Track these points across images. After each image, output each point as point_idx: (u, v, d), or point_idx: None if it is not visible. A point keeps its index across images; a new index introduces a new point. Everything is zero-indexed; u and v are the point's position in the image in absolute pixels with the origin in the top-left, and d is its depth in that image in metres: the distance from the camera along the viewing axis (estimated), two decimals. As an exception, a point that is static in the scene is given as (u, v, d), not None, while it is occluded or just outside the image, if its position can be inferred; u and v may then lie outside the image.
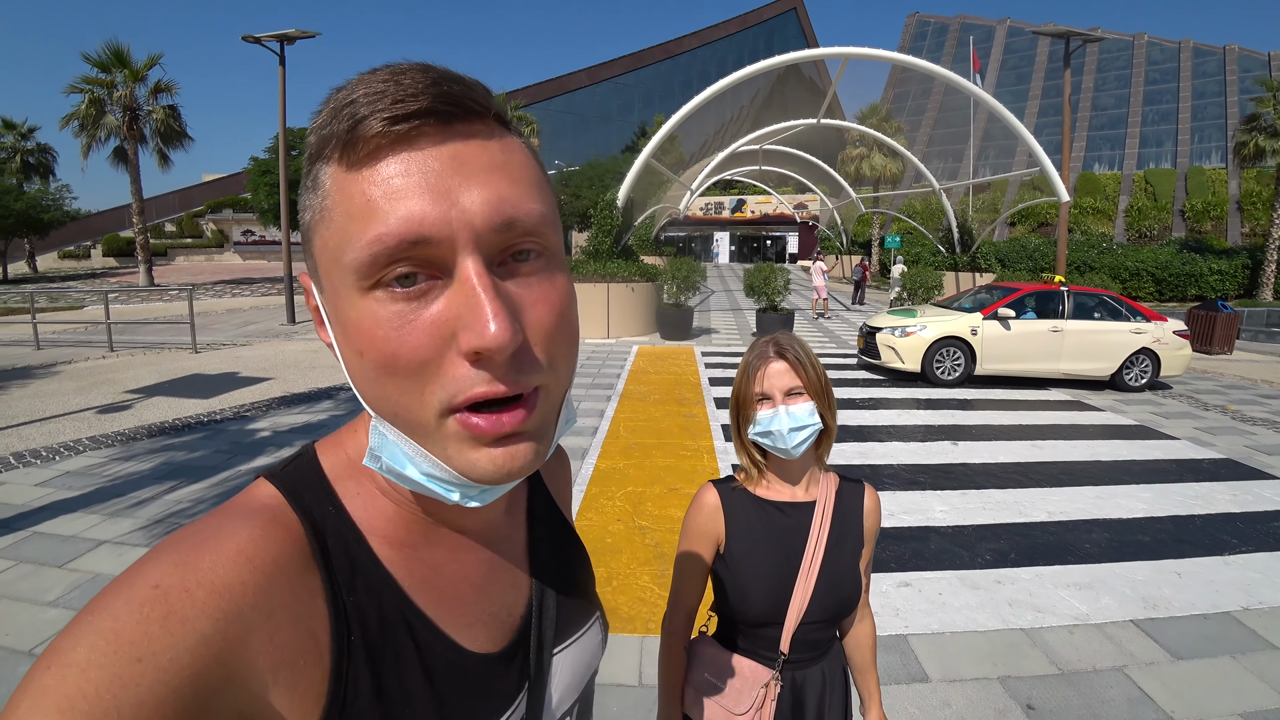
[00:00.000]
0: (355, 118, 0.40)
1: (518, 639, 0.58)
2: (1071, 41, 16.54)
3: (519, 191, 0.43)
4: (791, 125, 22.11)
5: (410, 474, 0.45)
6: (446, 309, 0.41)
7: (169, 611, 0.37)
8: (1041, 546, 4.17)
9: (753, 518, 1.31)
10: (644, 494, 4.81)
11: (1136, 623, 3.30)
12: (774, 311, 13.21)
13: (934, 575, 3.73)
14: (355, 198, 0.41)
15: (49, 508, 4.47)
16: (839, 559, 1.28)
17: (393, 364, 0.41)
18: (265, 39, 13.60)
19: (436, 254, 0.41)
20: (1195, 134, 43.53)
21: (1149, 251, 27.86)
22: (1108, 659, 2.99)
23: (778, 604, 1.25)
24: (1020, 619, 3.30)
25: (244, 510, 0.46)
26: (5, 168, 31.92)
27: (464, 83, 0.43)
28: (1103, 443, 6.67)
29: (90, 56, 22.83)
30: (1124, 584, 3.70)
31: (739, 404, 1.30)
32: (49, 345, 11.82)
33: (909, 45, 60.23)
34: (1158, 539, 4.34)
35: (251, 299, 22.40)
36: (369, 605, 0.48)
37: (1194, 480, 5.56)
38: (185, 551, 0.41)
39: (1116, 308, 9.57)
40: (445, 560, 0.54)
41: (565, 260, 0.50)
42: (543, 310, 0.45)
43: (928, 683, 2.78)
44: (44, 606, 3.25)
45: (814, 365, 1.26)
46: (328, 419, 6.83)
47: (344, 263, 0.41)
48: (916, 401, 8.29)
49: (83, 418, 6.76)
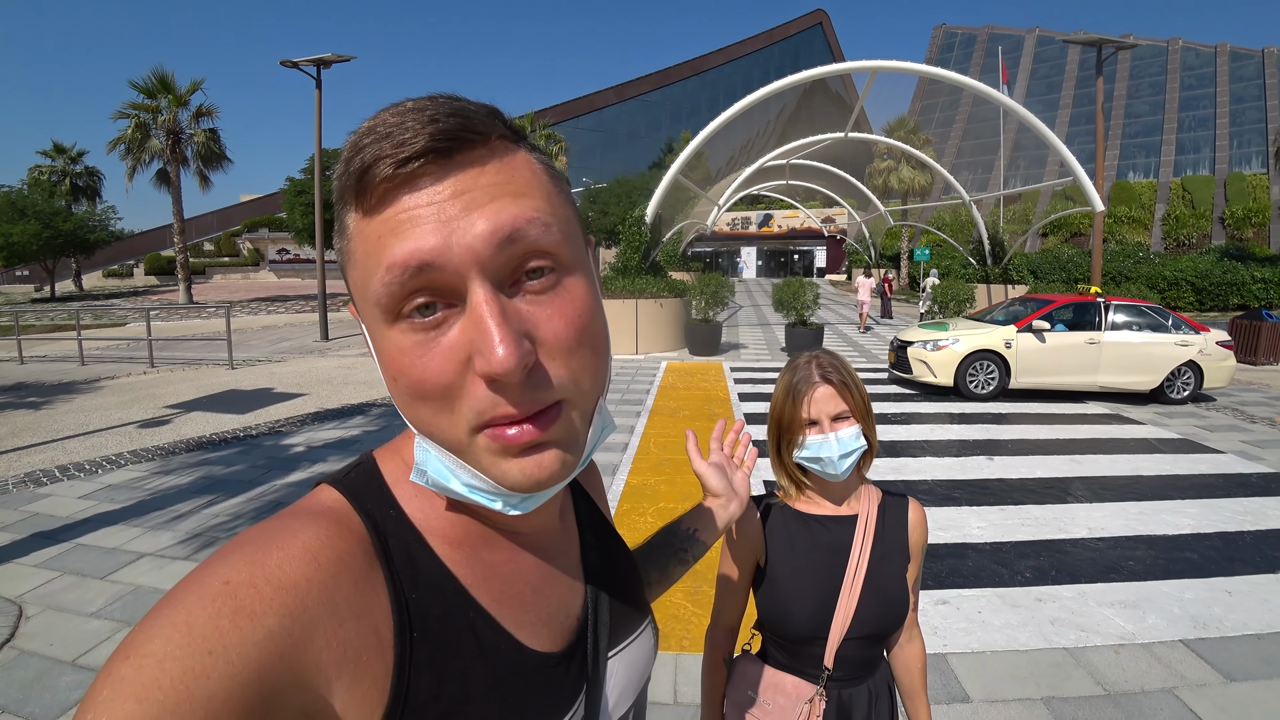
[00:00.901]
0: (363, 167, 0.42)
1: (576, 640, 0.59)
2: (1104, 49, 16.29)
3: (522, 206, 0.44)
4: (819, 139, 22.06)
5: (454, 486, 0.48)
6: (461, 335, 0.43)
7: (238, 606, 0.39)
8: (1083, 564, 4.05)
9: (794, 533, 1.29)
10: (675, 510, 4.78)
11: (1186, 643, 3.18)
12: (803, 326, 13.11)
13: (972, 593, 3.64)
14: (370, 239, 0.43)
15: (92, 520, 4.60)
16: (884, 574, 1.26)
17: (420, 389, 0.44)
18: (303, 63, 14.00)
19: (445, 281, 0.43)
20: (1234, 139, 42.48)
21: (1188, 260, 27.18)
22: (1156, 680, 2.88)
23: (821, 619, 1.23)
24: (1063, 638, 3.20)
25: (308, 512, 0.48)
26: (55, 190, 33.23)
27: (463, 114, 0.44)
28: (1145, 457, 6.48)
29: (137, 83, 23.82)
30: (1172, 603, 3.57)
31: (781, 427, 1.28)
32: (93, 361, 12.22)
33: (936, 57, 59.85)
34: (1206, 556, 4.19)
35: (286, 316, 22.91)
36: (431, 602, 0.49)
37: (1243, 495, 5.36)
38: (254, 549, 0.42)
39: (1158, 319, 9.32)
40: (503, 560, 0.55)
41: (589, 267, 0.51)
42: (558, 325, 0.46)
43: (969, 703, 2.70)
44: (87, 618, 3.32)
45: (858, 387, 1.26)
46: (360, 434, 6.93)
47: (369, 298, 0.44)
48: (950, 416, 8.15)
49: (124, 432, 6.96)
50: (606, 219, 35.81)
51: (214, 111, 25.14)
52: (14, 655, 3.02)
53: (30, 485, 5.28)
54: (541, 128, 31.67)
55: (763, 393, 9.32)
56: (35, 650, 3.05)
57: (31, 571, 3.81)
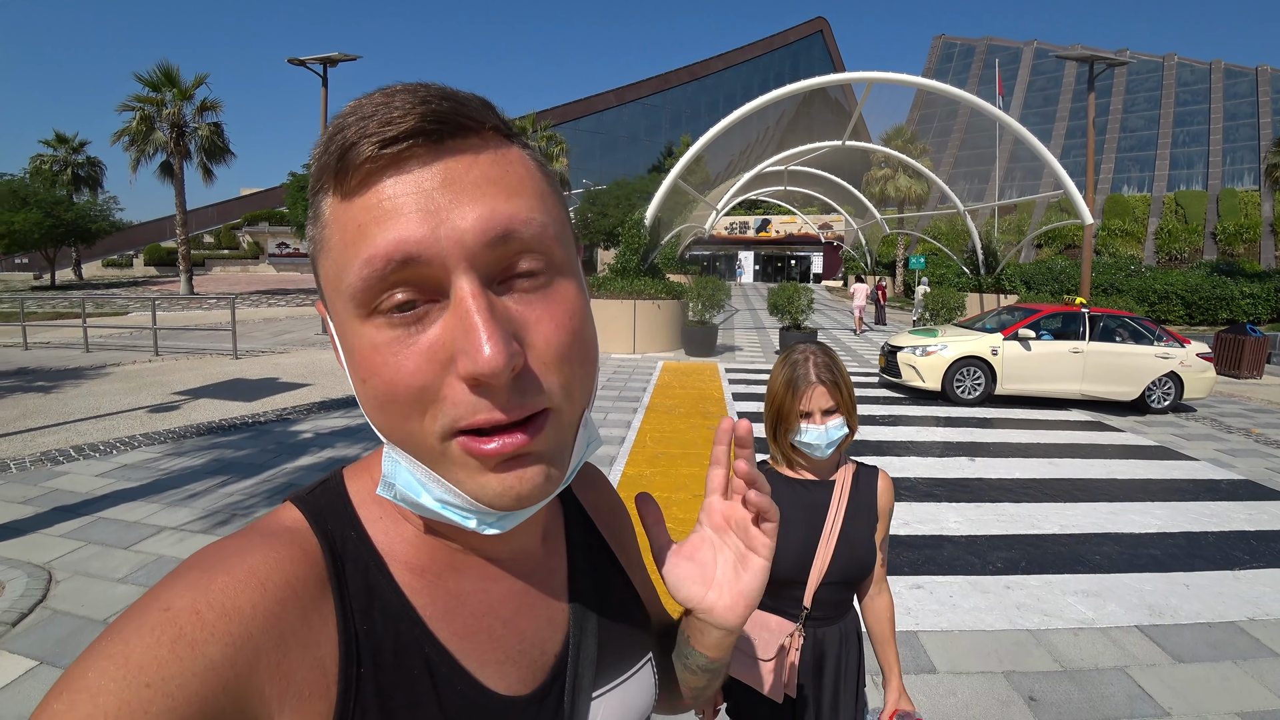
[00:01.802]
0: (344, 145, 0.39)
1: (550, 680, 0.54)
2: (1096, 65, 16.61)
3: (515, 204, 0.42)
4: (817, 146, 22.35)
5: (425, 501, 0.44)
6: (443, 333, 0.40)
7: (178, 635, 0.37)
8: (1052, 557, 4.30)
9: (781, 493, 1.55)
10: (670, 499, 5.02)
11: (1141, 628, 3.43)
12: (797, 330, 13.38)
13: (945, 580, 3.89)
14: (349, 226, 0.40)
15: (110, 496, 4.80)
16: (855, 529, 1.51)
17: (392, 390, 0.41)
18: (310, 61, 14.20)
19: (429, 275, 0.40)
20: (1227, 155, 43.00)
21: (1178, 274, 27.55)
22: (1110, 659, 3.13)
23: (801, 565, 1.48)
24: (1027, 621, 3.45)
25: (264, 532, 0.46)
26: (57, 179, 33.29)
27: (456, 99, 0.42)
28: (1121, 462, 6.74)
29: (142, 76, 23.94)
30: (1132, 593, 3.82)
31: (780, 415, 1.51)
32: (97, 348, 12.36)
33: (935, 67, 60.33)
34: (1169, 553, 4.44)
35: (287, 309, 23.08)
36: (384, 634, 0.46)
37: (1211, 499, 5.62)
38: (199, 574, 0.41)
39: (1140, 330, 9.61)
40: (472, 590, 0.51)
41: (579, 272, 0.49)
42: (549, 328, 0.43)
43: (935, 674, 2.94)
44: (115, 583, 3.52)
45: (847, 384, 1.50)
46: (365, 423, 7.11)
47: (343, 290, 0.41)
48: (936, 419, 8.41)
49: (135, 416, 7.15)
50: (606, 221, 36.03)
51: (218, 106, 25.29)
52: (48, 614, 3.22)
53: (47, 463, 5.47)
54: (542, 129, 31.88)
55: (756, 393, 9.55)
56: (67, 610, 3.25)
57: (57, 541, 4.01)
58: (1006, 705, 2.75)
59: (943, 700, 2.76)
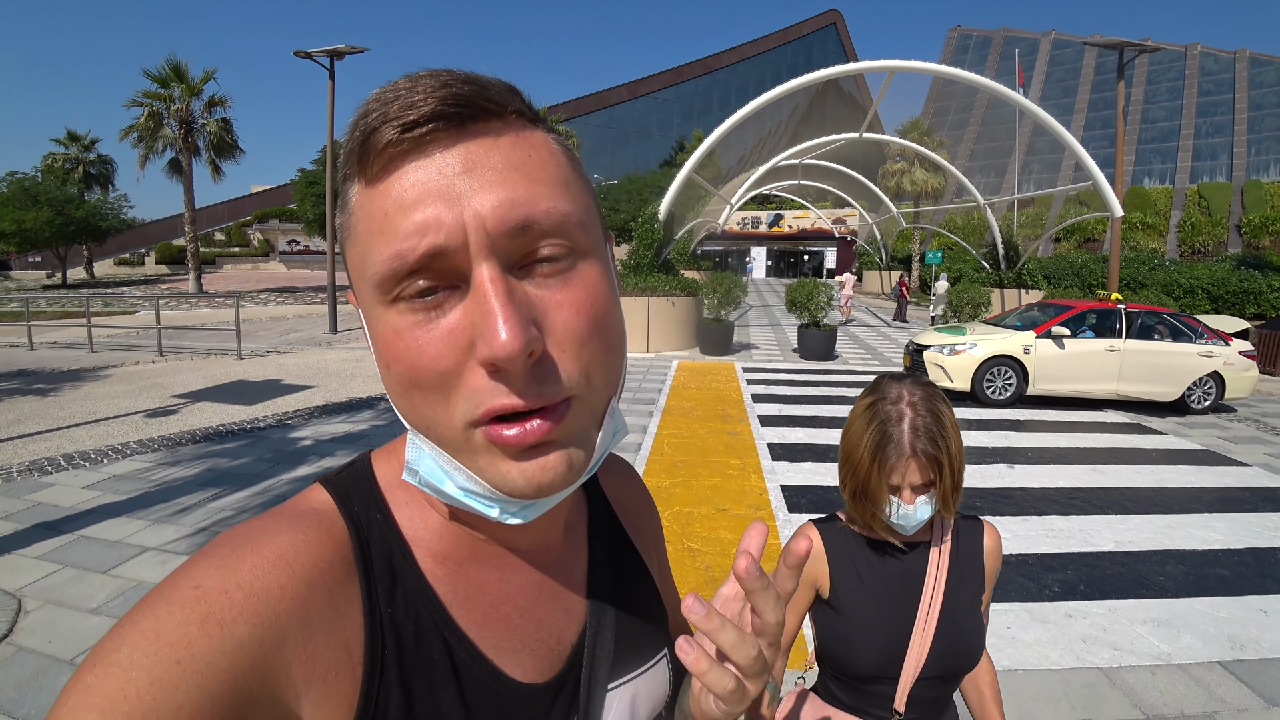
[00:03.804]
0: (367, 131, 0.39)
1: (567, 669, 0.54)
2: (1125, 52, 16.06)
3: (538, 191, 0.41)
4: (833, 139, 21.88)
5: (448, 489, 0.43)
6: (463, 318, 0.40)
7: (207, 614, 0.37)
8: (1112, 578, 3.92)
9: (860, 560, 1.19)
10: (691, 514, 4.67)
11: (1224, 664, 3.06)
12: (816, 328, 12.94)
13: (1000, 607, 3.51)
14: (374, 213, 0.40)
15: (96, 511, 4.53)
16: (959, 605, 1.15)
17: (415, 376, 0.41)
18: (316, 54, 13.94)
19: (451, 262, 0.39)
20: (1252, 146, 41.95)
21: (1204, 268, 26.85)
22: (1196, 704, 2.76)
23: (892, 658, 1.12)
24: (1096, 657, 3.08)
25: (292, 514, 0.46)
26: (68, 177, 33.36)
27: (479, 82, 0.41)
28: (1167, 468, 6.33)
29: (150, 72, 23.86)
30: (1206, 621, 3.45)
31: (859, 483, 1.14)
32: (102, 348, 12.20)
33: (950, 59, 59.42)
34: (1238, 573, 4.06)
35: (295, 307, 22.91)
36: (406, 618, 0.46)
37: (1271, 510, 5.22)
38: (228, 553, 0.41)
39: (1179, 327, 9.15)
40: (492, 579, 0.51)
41: (606, 258, 0.47)
42: (569, 314, 0.42)
43: (1001, 726, 2.58)
44: (87, 614, 3.25)
45: (949, 453, 1.10)
46: (369, 428, 6.85)
47: (368, 277, 0.41)
48: (967, 422, 8.00)
49: (131, 421, 6.91)
50: (617, 216, 35.71)
51: (226, 101, 25.13)
52: (11, 652, 2.94)
53: (34, 474, 5.23)
54: (554, 123, 31.57)
55: (776, 394, 9.19)
56: (33, 647, 2.97)
57: (32, 563, 3.74)
58: (1088, 766, 2.39)
59: (1014, 760, 2.40)
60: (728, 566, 3.87)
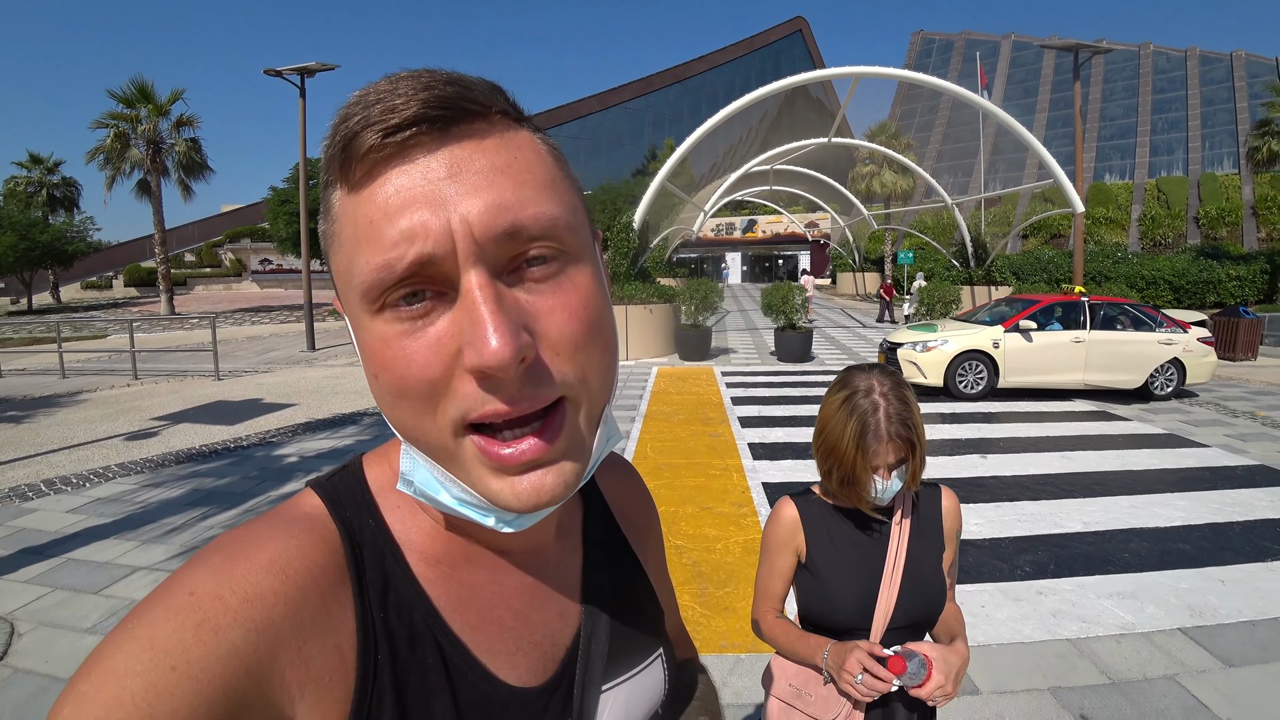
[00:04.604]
0: (348, 136, 0.38)
1: (561, 672, 0.54)
2: (1080, 53, 16.59)
3: (525, 194, 0.40)
4: (802, 145, 22.27)
5: (443, 499, 0.44)
6: (451, 325, 0.39)
7: (202, 619, 0.37)
8: (1080, 557, 4.10)
9: (833, 527, 1.32)
10: (677, 514, 4.78)
11: (1184, 631, 3.24)
12: (793, 330, 13.16)
13: (974, 588, 3.67)
14: (358, 220, 0.39)
15: (81, 534, 4.50)
16: (922, 562, 1.28)
17: (403, 385, 0.40)
18: (286, 72, 13.91)
19: (438, 269, 0.38)
20: (1206, 141, 43.31)
21: (1165, 260, 27.64)
22: (1159, 668, 2.93)
23: (863, 611, 1.25)
24: (1065, 630, 3.24)
25: (285, 519, 0.46)
26: (32, 201, 32.68)
27: (461, 83, 0.40)
28: (1133, 452, 6.58)
29: (116, 93, 23.49)
30: (1168, 592, 3.63)
31: (839, 464, 1.26)
32: (74, 374, 12.01)
33: (914, 63, 60.58)
34: (1198, 547, 4.27)
35: (271, 326, 22.66)
36: (399, 623, 0.46)
37: (1230, 487, 5.46)
38: (221, 559, 0.41)
39: (1140, 317, 9.49)
40: (485, 582, 0.51)
41: (596, 259, 0.47)
42: (561, 318, 0.41)
43: (979, 695, 2.72)
44: (82, 634, 3.26)
45: (918, 433, 1.23)
46: (353, 444, 6.87)
47: (354, 286, 0.40)
48: (941, 416, 8.23)
49: (111, 445, 6.84)
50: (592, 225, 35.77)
51: (195, 121, 24.83)
52: (8, 674, 2.95)
53: (15, 500, 5.17)
54: (526, 135, 31.64)
55: (755, 396, 9.35)
56: (30, 668, 2.98)
57: (22, 588, 3.72)
58: (1058, 728, 2.53)
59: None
60: (714, 562, 3.99)
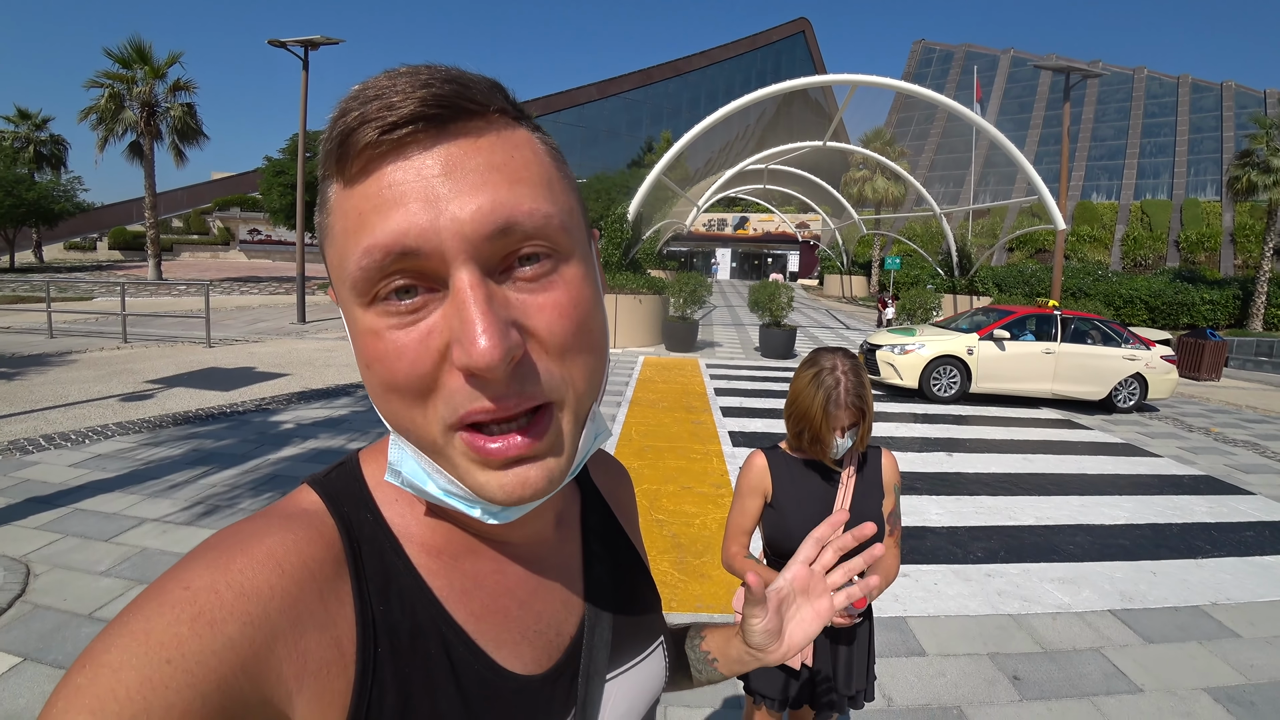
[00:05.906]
0: (346, 131, 0.39)
1: (565, 661, 0.55)
2: (1071, 76, 17.00)
3: (519, 192, 0.40)
4: (798, 146, 22.59)
5: (430, 490, 0.44)
6: (441, 322, 0.40)
7: (198, 613, 0.37)
8: (1029, 547, 4.44)
9: (795, 474, 1.64)
10: (659, 491, 5.07)
11: (1114, 612, 3.58)
12: (777, 328, 13.50)
13: (930, 568, 4.00)
14: (350, 214, 0.40)
15: (86, 487, 4.64)
16: (865, 504, 1.61)
17: (392, 379, 0.41)
18: (291, 44, 13.92)
19: (429, 266, 0.39)
20: (1192, 167, 44.20)
21: (1143, 280, 28.36)
22: (1086, 641, 3.26)
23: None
24: (1008, 606, 3.57)
25: (281, 515, 0.46)
26: (18, 157, 32.15)
27: (460, 81, 0.41)
28: (1090, 458, 6.96)
29: (112, 52, 23.06)
30: (1104, 580, 3.98)
31: (809, 427, 1.56)
32: (62, 334, 12.02)
33: (914, 71, 61.12)
34: (1137, 543, 4.62)
35: (260, 297, 22.66)
36: (401, 615, 0.46)
37: (1174, 493, 5.84)
38: (217, 554, 0.41)
39: (1109, 333, 9.90)
40: (488, 572, 0.52)
41: (590, 259, 0.47)
42: (551, 316, 0.42)
43: (925, 656, 3.04)
44: (97, 576, 3.37)
45: (869, 406, 1.56)
46: (348, 414, 7.07)
47: (346, 279, 0.41)
48: (914, 416, 8.58)
49: (106, 405, 6.97)
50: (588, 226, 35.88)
51: (192, 86, 24.50)
52: (29, 609, 3.06)
53: (16, 453, 5.28)
54: (523, 120, 31.60)
55: (737, 388, 9.66)
56: (49, 604, 3.10)
57: (33, 534, 3.83)
58: (992, 684, 2.85)
59: (933, 681, 2.85)
60: (692, 535, 4.29)
